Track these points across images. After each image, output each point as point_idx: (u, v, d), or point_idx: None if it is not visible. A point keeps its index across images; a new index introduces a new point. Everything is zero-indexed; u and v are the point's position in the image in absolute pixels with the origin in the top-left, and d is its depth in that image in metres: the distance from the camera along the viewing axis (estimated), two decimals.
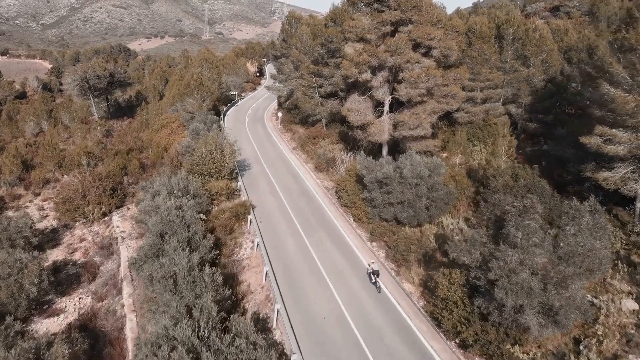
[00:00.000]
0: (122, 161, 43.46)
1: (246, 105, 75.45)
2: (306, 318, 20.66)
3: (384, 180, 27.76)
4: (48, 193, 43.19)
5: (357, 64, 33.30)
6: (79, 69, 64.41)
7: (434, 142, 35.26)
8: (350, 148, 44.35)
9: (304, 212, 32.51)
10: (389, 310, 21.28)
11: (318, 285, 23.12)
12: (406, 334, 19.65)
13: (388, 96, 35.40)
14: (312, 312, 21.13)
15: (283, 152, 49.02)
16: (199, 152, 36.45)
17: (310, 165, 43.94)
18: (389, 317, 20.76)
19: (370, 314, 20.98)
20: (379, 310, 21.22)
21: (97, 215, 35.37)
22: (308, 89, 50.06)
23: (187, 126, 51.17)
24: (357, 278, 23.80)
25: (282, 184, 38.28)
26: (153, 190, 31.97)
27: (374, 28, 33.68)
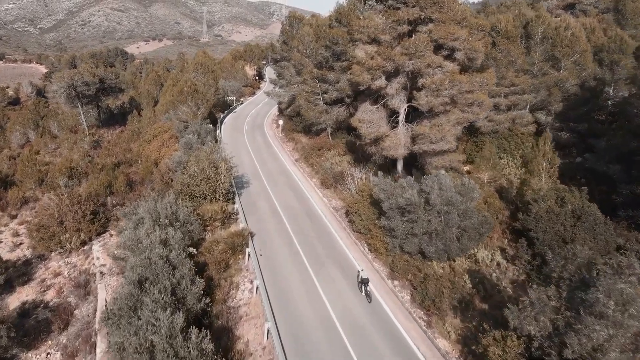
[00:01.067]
0: (107, 178, 39.16)
1: (245, 112, 71.20)
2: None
3: (407, 208, 23.41)
4: (26, 215, 38.88)
5: (370, 68, 29.03)
6: (65, 75, 60.16)
7: (457, 156, 30.97)
8: (360, 161, 40.10)
9: (311, 241, 28.18)
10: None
11: (331, 346, 18.76)
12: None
13: (405, 105, 31.10)
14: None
15: (285, 164, 44.70)
16: (190, 170, 32.14)
17: (316, 180, 39.62)
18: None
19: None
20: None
21: (75, 245, 31.06)
22: (312, 95, 45.77)
23: (179, 137, 46.92)
24: (381, 335, 19.42)
25: (284, 204, 33.98)
26: (136, 217, 27.67)
27: (389, 28, 29.46)
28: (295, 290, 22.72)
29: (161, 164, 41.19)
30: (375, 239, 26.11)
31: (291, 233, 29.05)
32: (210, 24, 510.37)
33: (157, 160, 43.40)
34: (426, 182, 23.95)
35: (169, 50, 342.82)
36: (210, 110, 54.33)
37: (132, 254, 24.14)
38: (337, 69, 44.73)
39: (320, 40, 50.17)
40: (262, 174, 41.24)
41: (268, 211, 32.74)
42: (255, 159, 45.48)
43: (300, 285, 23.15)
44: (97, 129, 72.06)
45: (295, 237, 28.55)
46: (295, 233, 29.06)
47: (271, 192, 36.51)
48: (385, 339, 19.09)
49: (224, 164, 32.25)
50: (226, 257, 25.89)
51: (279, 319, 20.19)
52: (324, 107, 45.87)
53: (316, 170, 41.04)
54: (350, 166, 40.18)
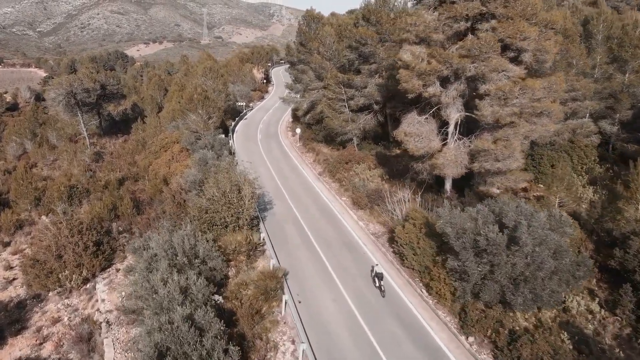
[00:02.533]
0: (111, 200, 34.66)
1: (256, 118, 66.70)
2: None
3: (487, 248, 18.92)
4: (20, 242, 34.45)
5: (422, 73, 24.57)
6: (63, 82, 55.70)
7: (523, 175, 26.48)
8: (395, 176, 35.64)
9: (356, 281, 23.71)
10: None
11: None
12: None
13: (460, 115, 26.60)
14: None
15: (308, 179, 40.20)
16: (209, 194, 27.66)
17: (346, 199, 35.12)
18: None
19: None
20: None
21: (76, 283, 26.61)
22: (336, 102, 41.28)
23: (190, 150, 42.49)
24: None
25: (316, 230, 29.50)
26: (148, 254, 23.23)
27: (443, 25, 24.87)
28: (349, 356, 18.23)
29: (172, 182, 36.76)
30: (438, 281, 21.60)
31: (330, 270, 24.56)
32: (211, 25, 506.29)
33: (167, 176, 38.98)
34: (507, 214, 19.45)
35: (169, 53, 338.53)
36: (221, 118, 49.85)
37: (146, 306, 19.73)
38: (365, 72, 40.38)
39: (342, 40, 45.77)
40: (284, 191, 36.74)
41: (298, 240, 28.26)
42: (274, 173, 40.99)
43: (354, 349, 18.64)
44: (98, 138, 67.60)
45: (337, 275, 24.07)
46: (336, 270, 24.58)
47: (298, 215, 32.03)
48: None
49: (248, 186, 27.75)
50: (258, 304, 21.42)
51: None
52: (350, 115, 41.39)
53: (345, 187, 36.54)
54: (383, 182, 35.76)
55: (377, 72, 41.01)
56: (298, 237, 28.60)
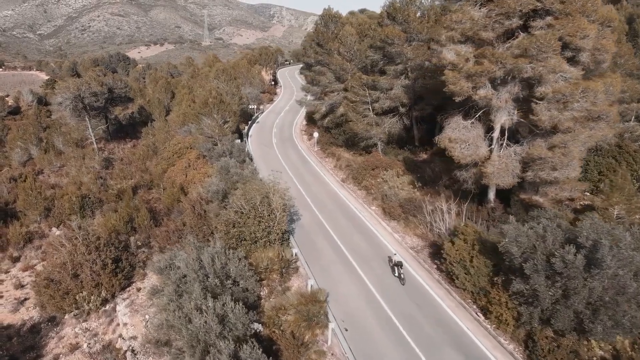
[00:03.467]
0: (128, 211, 32.60)
1: (268, 121, 64.64)
2: None
3: (563, 271, 16.86)
4: (30, 257, 32.41)
5: (473, 75, 22.54)
6: (70, 86, 53.68)
7: (580, 184, 24.36)
8: (427, 183, 33.60)
9: (404, 304, 21.64)
10: None
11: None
12: None
13: (510, 119, 24.54)
14: None
15: (332, 187, 38.15)
16: (236, 205, 25.62)
17: (376, 208, 33.08)
18: None
19: None
20: None
21: (94, 304, 24.56)
22: (359, 105, 39.26)
23: (207, 157, 40.47)
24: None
25: (349, 245, 27.45)
26: (176, 276, 21.17)
27: (493, 23, 22.80)
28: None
29: (190, 192, 34.74)
30: (498, 305, 19.54)
31: (374, 292, 22.51)
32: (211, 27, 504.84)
33: (184, 185, 36.94)
34: (581, 232, 17.38)
35: (170, 55, 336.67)
36: (237, 122, 47.83)
37: (179, 337, 17.69)
38: (391, 73, 38.34)
39: (363, 40, 43.79)
40: (309, 200, 34.69)
41: (333, 256, 26.20)
42: (296, 181, 38.92)
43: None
44: (105, 142, 65.54)
45: (382, 297, 22.02)
46: (380, 291, 22.54)
47: (328, 227, 29.98)
48: None
49: (278, 198, 25.70)
50: (300, 332, 19.38)
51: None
52: (374, 119, 39.35)
53: (374, 196, 34.49)
54: (415, 190, 33.71)
55: (403, 73, 39.02)
56: (332, 253, 26.55)
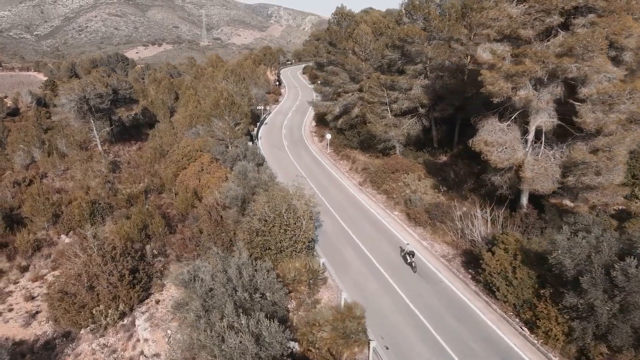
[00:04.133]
0: (141, 218, 31.29)
1: (276, 123, 63.40)
2: None
3: (624, 285, 15.68)
4: (40, 266, 31.10)
5: (513, 75, 21.27)
6: (76, 87, 52.27)
7: (621, 189, 23.18)
8: (452, 187, 32.40)
9: (445, 317, 20.44)
10: None
11: None
12: None
13: (550, 121, 23.35)
14: None
15: (350, 191, 36.94)
16: (260, 213, 24.36)
17: (399, 213, 31.88)
18: None
19: None
20: None
21: (112, 319, 23.28)
22: (377, 106, 38.05)
23: (220, 160, 39.21)
24: None
25: (377, 253, 26.24)
26: (202, 289, 19.91)
27: (533, 20, 21.61)
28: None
29: (205, 197, 33.47)
30: (547, 319, 18.34)
31: (412, 307, 21.27)
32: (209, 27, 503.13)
33: (198, 190, 35.67)
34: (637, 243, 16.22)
35: (169, 55, 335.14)
36: (248, 124, 46.57)
37: (211, 357, 16.43)
38: (410, 72, 37.14)
39: (379, 39, 42.61)
40: (328, 204, 33.43)
41: (361, 266, 24.97)
42: (312, 184, 37.67)
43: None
44: (109, 145, 64.08)
45: (420, 313, 20.80)
46: (419, 307, 21.30)
47: (352, 233, 28.78)
48: None
49: (303, 205, 24.46)
50: (338, 350, 18.15)
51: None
52: (392, 120, 38.14)
53: (396, 200, 33.27)
54: (438, 194, 32.51)
55: (422, 73, 37.84)
56: (360, 262, 25.32)
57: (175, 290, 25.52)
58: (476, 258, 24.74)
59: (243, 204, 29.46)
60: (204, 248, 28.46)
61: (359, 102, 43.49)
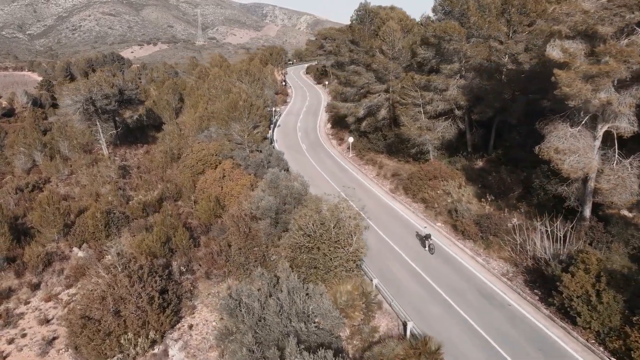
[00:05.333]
0: (164, 230, 28.69)
1: (289, 124, 60.93)
2: None
3: None
4: (52, 283, 28.43)
5: (594, 76, 18.90)
6: (81, 87, 49.45)
7: None
8: (499, 196, 30.09)
9: (522, 347, 18.11)
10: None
11: None
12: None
13: (631, 127, 21.06)
14: None
15: (383, 199, 34.62)
16: (305, 227, 21.94)
17: (442, 225, 29.53)
18: None
19: None
20: None
21: (142, 348, 20.74)
22: (411, 108, 35.71)
23: (242, 165, 36.73)
24: None
25: (431, 272, 23.86)
26: (252, 319, 17.46)
27: (612, 16, 19.29)
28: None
29: (230, 206, 30.97)
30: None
31: (484, 334, 18.92)
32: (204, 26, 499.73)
33: (220, 198, 33.16)
34: None
35: (164, 55, 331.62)
36: (267, 127, 44.09)
37: None
38: (446, 72, 34.84)
39: (405, 37, 40.28)
40: (363, 214, 30.94)
41: (418, 288, 22.57)
42: (342, 192, 35.22)
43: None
44: (114, 147, 61.31)
45: (496, 343, 18.44)
46: (492, 334, 18.94)
47: (397, 248, 26.45)
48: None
49: (352, 219, 22.05)
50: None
51: None
52: (426, 122, 35.82)
53: (437, 210, 30.93)
54: (484, 204, 30.18)
55: (457, 73, 35.56)
56: (415, 283, 22.92)
57: (209, 313, 23.15)
58: (541, 276, 22.56)
59: (276, 216, 27.09)
60: (236, 264, 26.08)
61: (385, 103, 41.14)
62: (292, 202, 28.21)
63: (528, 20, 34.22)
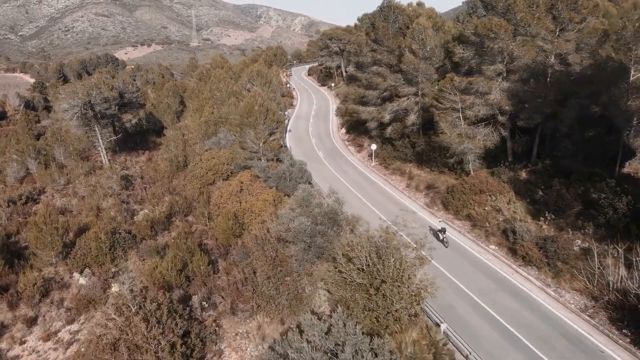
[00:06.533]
0: (178, 255, 24.93)
1: (300, 129, 57.32)
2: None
3: None
4: (51, 317, 24.60)
5: None
6: (79, 90, 45.51)
7: None
8: (558, 212, 26.64)
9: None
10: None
11: None
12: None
13: None
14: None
15: (421, 216, 31.09)
16: (354, 256, 18.34)
17: (496, 247, 26.01)
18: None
19: None
20: None
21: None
22: (449, 113, 32.23)
23: (262, 177, 33.07)
24: None
25: (502, 310, 20.33)
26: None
27: None
28: None
29: (255, 227, 27.29)
30: None
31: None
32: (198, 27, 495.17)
33: (239, 215, 29.49)
34: None
35: (159, 56, 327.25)
36: (283, 134, 40.46)
37: None
38: (490, 73, 31.42)
39: (436, 35, 36.84)
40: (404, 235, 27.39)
41: (492, 332, 19.01)
42: (373, 208, 31.71)
43: None
44: (113, 154, 57.32)
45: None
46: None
47: (453, 278, 22.91)
48: None
49: (410, 248, 18.49)
50: None
51: None
52: (465, 129, 32.36)
53: (488, 230, 27.36)
54: (543, 223, 26.70)
55: (499, 74, 32.16)
56: (486, 326, 19.36)
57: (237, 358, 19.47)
58: (631, 313, 19.16)
59: (311, 240, 23.50)
60: (265, 297, 22.47)
61: (415, 107, 37.66)
62: (326, 222, 24.66)
63: (579, 17, 30.94)
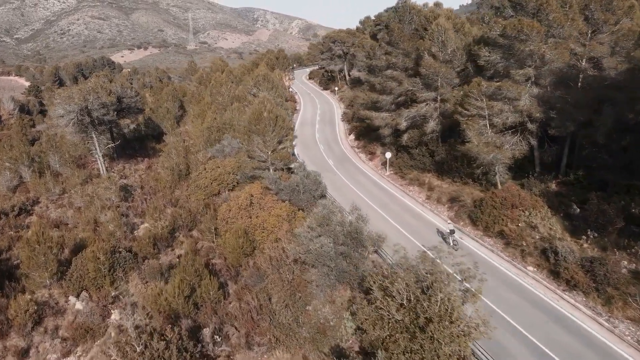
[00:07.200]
0: (185, 279, 22.46)
1: (307, 136, 54.98)
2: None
3: None
4: (45, 349, 22.14)
5: None
6: (75, 95, 42.97)
7: None
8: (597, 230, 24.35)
9: None
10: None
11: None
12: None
13: None
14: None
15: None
16: (393, 290, 15.96)
17: (534, 268, 23.69)
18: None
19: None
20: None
21: None
22: (476, 120, 29.96)
23: (273, 190, 30.66)
24: None
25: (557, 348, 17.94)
26: None
27: None
28: None
29: (268, 245, 24.86)
30: None
31: None
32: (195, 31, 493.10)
33: (250, 231, 27.07)
34: None
35: (156, 59, 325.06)
36: (292, 142, 38.12)
37: None
38: (518, 78, 29.20)
39: (457, 37, 34.63)
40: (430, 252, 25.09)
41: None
42: (393, 222, 29.39)
43: None
44: (110, 162, 54.70)
45: None
46: None
47: (499, 310, 20.45)
48: None
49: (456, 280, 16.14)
50: None
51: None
52: (493, 137, 30.09)
53: (524, 250, 24.95)
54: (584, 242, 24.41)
55: (528, 79, 29.96)
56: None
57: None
58: None
59: (335, 263, 21.14)
60: (284, 329, 20.09)
61: (434, 113, 35.38)
62: (349, 243, 22.31)
63: (614, 18, 28.81)
